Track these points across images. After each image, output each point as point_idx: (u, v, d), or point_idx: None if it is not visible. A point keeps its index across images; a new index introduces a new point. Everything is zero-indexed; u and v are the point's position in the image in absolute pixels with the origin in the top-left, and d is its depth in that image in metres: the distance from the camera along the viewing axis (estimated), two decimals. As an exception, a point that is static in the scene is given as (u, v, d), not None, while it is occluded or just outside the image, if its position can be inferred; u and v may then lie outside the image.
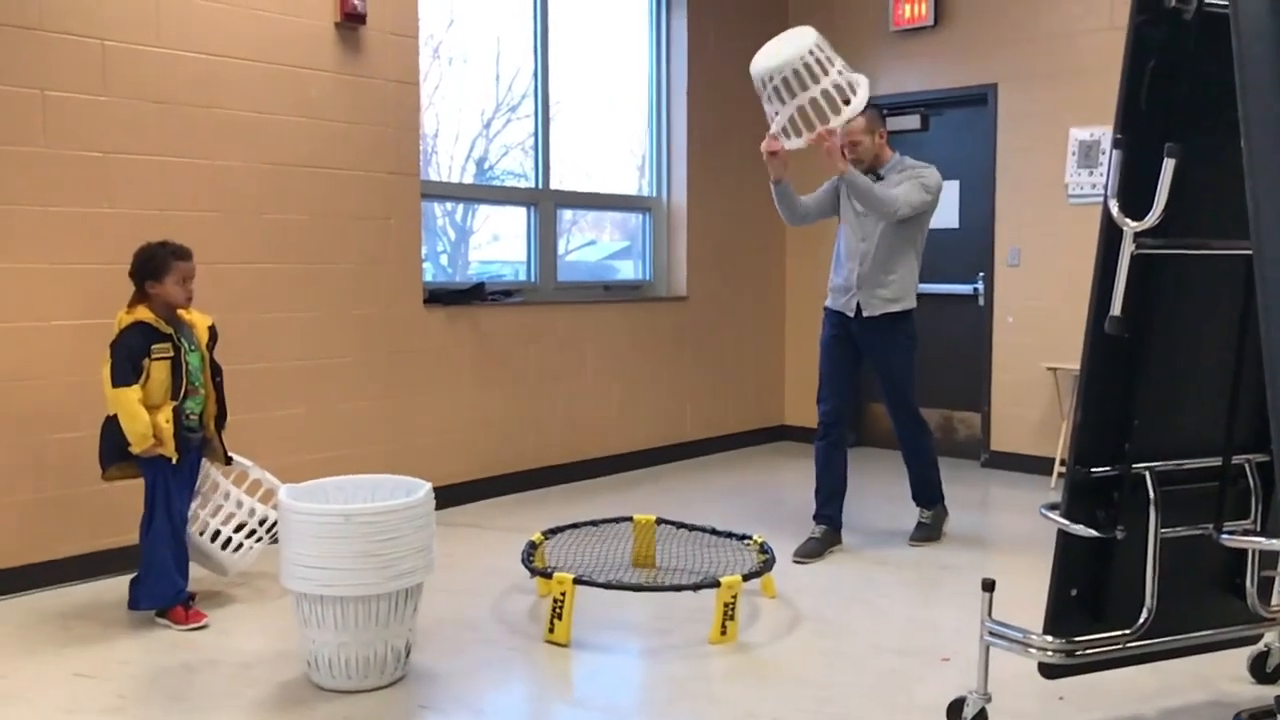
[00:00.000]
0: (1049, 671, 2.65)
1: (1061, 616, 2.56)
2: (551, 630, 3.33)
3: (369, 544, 2.84)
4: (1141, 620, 2.55)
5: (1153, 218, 2.32)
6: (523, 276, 5.81)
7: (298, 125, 4.52)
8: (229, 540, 3.69)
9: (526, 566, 3.63)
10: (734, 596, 3.35)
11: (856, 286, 4.34)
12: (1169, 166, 2.29)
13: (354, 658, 2.92)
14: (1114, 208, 2.37)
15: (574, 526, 4.17)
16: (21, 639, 3.37)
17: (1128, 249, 2.35)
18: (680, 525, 4.16)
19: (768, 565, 3.67)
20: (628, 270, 6.49)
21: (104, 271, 3.89)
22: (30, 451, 3.82)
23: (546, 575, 3.42)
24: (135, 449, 3.35)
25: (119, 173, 4.00)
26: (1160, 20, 2.36)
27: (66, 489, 3.89)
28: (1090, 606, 2.60)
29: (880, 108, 4.55)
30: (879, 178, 4.33)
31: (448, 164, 5.52)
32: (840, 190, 4.44)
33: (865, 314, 4.33)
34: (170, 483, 3.45)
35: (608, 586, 3.40)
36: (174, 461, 3.41)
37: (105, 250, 3.91)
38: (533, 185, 5.80)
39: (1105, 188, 2.41)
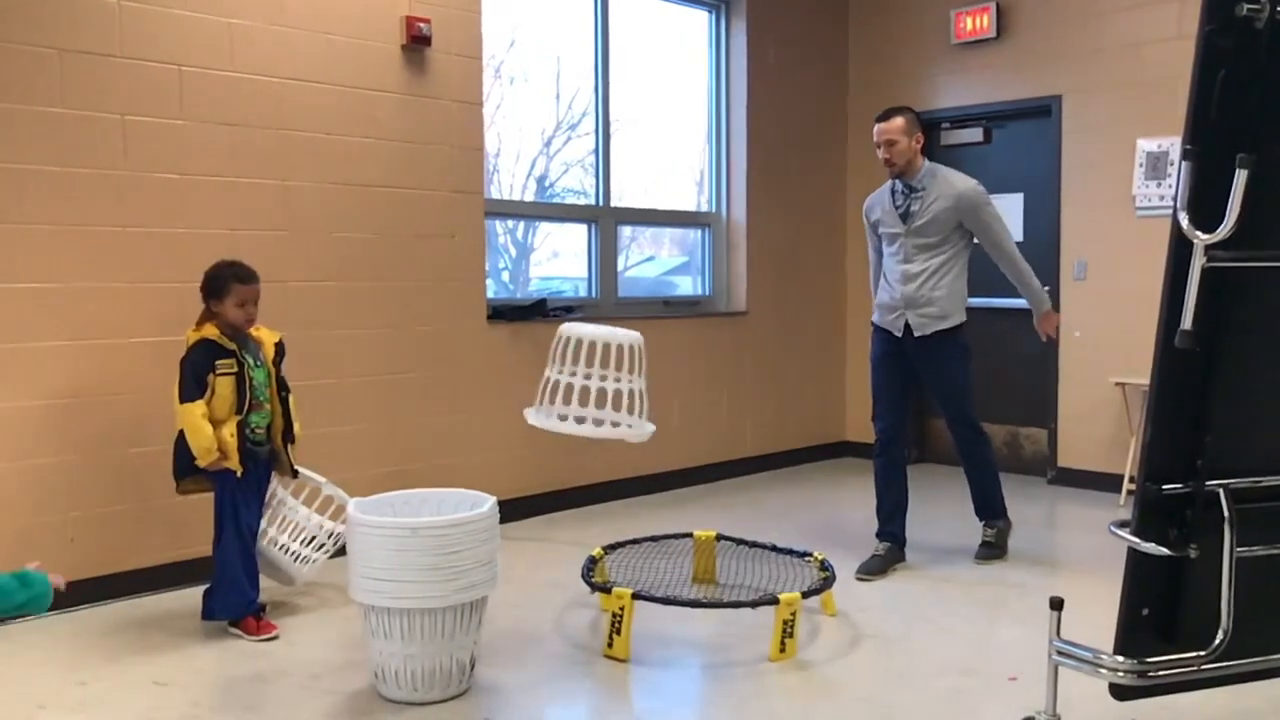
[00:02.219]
0: (1120, 693, 2.59)
1: (1133, 636, 2.51)
2: (610, 645, 3.35)
3: (435, 557, 2.88)
4: (1217, 641, 2.48)
5: (1225, 230, 2.27)
6: (583, 292, 5.86)
7: (365, 146, 4.63)
8: (294, 551, 3.78)
9: (586, 581, 3.65)
10: (793, 614, 3.33)
11: (904, 306, 4.30)
12: (1241, 177, 2.24)
13: (420, 670, 2.96)
14: (1184, 220, 2.32)
15: (634, 542, 4.18)
16: (103, 647, 3.48)
17: (1198, 262, 2.31)
18: (740, 542, 4.15)
19: (828, 582, 3.64)
20: (687, 286, 6.51)
21: (180, 289, 4.01)
22: (110, 465, 3.94)
23: (606, 590, 3.44)
24: (200, 462, 3.45)
25: (194, 193, 4.13)
26: (1231, 29, 2.31)
27: (144, 501, 4.00)
28: (1163, 627, 2.54)
29: (918, 114, 4.41)
30: (911, 189, 4.28)
31: (509, 182, 5.60)
32: (878, 214, 4.42)
33: (916, 333, 4.29)
34: (238, 496, 3.54)
35: (666, 602, 3.40)
36: (238, 475, 3.50)
37: (181, 268, 4.03)
38: (593, 202, 5.85)
39: (1174, 200, 2.37)
